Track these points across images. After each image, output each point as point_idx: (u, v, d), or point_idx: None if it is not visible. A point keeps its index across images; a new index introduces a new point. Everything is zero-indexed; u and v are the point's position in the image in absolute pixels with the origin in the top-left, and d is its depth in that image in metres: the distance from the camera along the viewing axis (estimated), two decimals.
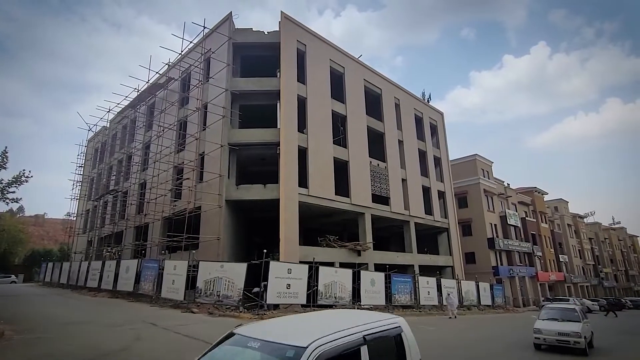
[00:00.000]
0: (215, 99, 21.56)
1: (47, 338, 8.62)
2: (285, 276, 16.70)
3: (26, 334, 8.98)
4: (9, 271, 41.60)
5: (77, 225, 36.79)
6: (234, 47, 22.73)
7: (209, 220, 20.29)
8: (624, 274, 74.38)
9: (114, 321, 11.56)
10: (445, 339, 13.13)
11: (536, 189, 52.61)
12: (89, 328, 10.39)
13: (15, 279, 38.81)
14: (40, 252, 49.50)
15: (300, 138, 22.19)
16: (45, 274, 33.60)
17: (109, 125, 35.67)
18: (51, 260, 39.11)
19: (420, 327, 14.51)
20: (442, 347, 11.10)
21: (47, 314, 12.86)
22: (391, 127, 29.89)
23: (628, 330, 19.12)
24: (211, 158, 21.09)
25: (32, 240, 59.98)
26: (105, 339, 8.79)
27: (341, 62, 26.72)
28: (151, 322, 11.58)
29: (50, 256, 46.76)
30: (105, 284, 21.97)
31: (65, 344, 8.12)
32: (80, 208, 37.77)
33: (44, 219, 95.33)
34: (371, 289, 20.56)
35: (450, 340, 12.88)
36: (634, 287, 75.20)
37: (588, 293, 55.75)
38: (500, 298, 32.39)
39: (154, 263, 19.33)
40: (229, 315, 14.49)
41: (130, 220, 27.74)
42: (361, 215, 25.15)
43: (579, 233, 61.10)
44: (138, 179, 28.64)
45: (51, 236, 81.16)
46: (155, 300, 17.47)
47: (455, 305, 21.69)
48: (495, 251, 39.08)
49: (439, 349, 10.57)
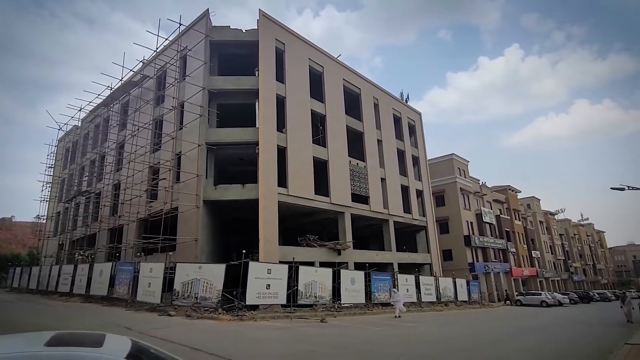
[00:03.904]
0: (192, 97, 21.13)
1: None
2: (264, 276, 16.56)
3: None
4: None
5: (47, 228, 35.33)
6: (211, 45, 22.36)
7: (186, 221, 19.88)
8: (592, 268, 77.54)
9: (87, 327, 11.12)
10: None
11: (510, 187, 54.12)
12: None
13: None
14: (7, 257, 47.26)
15: (279, 137, 22.04)
16: (12, 280, 32.14)
17: (81, 124, 34.40)
18: (19, 265, 37.40)
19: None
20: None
21: (15, 321, 12.26)
22: (370, 126, 30.09)
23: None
24: (188, 158, 20.67)
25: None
26: None
27: (320, 61, 26.70)
28: (126, 327, 11.21)
29: (19, 260, 44.69)
30: (78, 288, 21.20)
31: None
32: (50, 210, 36.26)
33: (12, 222, 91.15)
34: (351, 287, 20.63)
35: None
36: (600, 280, 78.55)
37: (559, 287, 57.86)
38: (476, 294, 33.16)
39: (129, 266, 18.78)
40: (207, 317, 14.23)
41: (103, 223, 26.85)
42: (341, 214, 25.20)
43: (550, 229, 63.30)
44: (112, 180, 27.80)
45: (19, 240, 77.64)
46: (131, 304, 16.98)
47: (401, 302, 19.33)
48: (471, 248, 39.97)
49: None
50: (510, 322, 19.87)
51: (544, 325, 17.36)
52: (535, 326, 17.18)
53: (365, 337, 11.78)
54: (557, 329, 16.38)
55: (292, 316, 16.03)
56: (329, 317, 16.31)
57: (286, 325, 13.67)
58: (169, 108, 22.29)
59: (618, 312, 20.37)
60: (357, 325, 14.57)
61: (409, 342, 11.19)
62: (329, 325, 14.29)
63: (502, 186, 53.92)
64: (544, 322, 19.47)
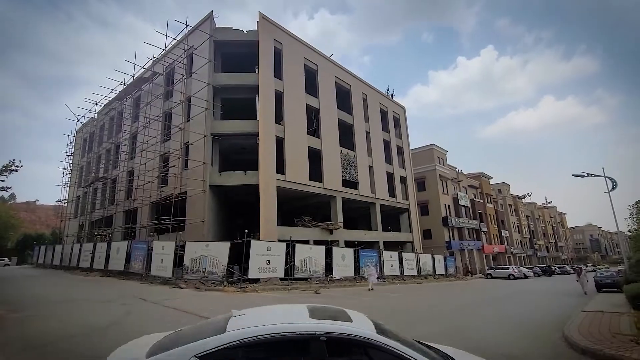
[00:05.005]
0: (198, 92, 20.90)
1: (40, 316, 8.26)
2: (265, 253, 16.72)
3: (20, 312, 8.58)
4: (2, 255, 39.32)
5: (68, 210, 35.12)
6: (215, 45, 21.99)
7: (194, 204, 19.87)
8: (554, 245, 78.99)
9: (106, 298, 11.21)
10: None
11: (483, 174, 54.52)
12: (81, 305, 10.03)
13: (8, 262, 36.75)
14: (32, 236, 46.96)
15: (278, 129, 21.93)
16: (38, 257, 32.05)
17: (97, 117, 33.91)
18: (43, 243, 37.23)
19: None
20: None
21: (40, 294, 12.30)
22: (359, 119, 30.00)
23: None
24: (195, 147, 20.54)
25: (24, 226, 56.44)
26: (97, 315, 8.52)
27: (315, 60, 26.40)
28: (141, 298, 11.32)
29: (43, 240, 44.46)
30: (97, 264, 21.24)
31: (58, 320, 7.81)
32: (70, 194, 36.01)
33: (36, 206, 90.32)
34: (342, 263, 20.90)
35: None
36: (561, 256, 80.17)
37: (524, 262, 58.92)
38: (452, 268, 33.75)
39: (143, 244, 18.81)
40: (214, 289, 14.38)
41: (119, 205, 26.75)
42: (333, 198, 25.33)
43: (518, 211, 64.13)
44: (126, 167, 27.61)
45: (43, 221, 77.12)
46: (145, 278, 17.08)
47: (373, 276, 18.47)
48: (448, 228, 40.47)
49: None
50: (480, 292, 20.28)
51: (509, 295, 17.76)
52: (501, 296, 17.58)
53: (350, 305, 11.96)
54: (522, 298, 16.77)
55: (290, 288, 16.26)
56: (322, 289, 16.57)
57: (284, 296, 13.87)
58: (177, 102, 22.03)
59: (576, 285, 20.85)
60: (346, 296, 14.82)
61: (390, 310, 11.43)
62: (321, 296, 14.52)
63: (476, 173, 54.31)
64: (510, 292, 19.90)
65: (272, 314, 3.06)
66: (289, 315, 2.94)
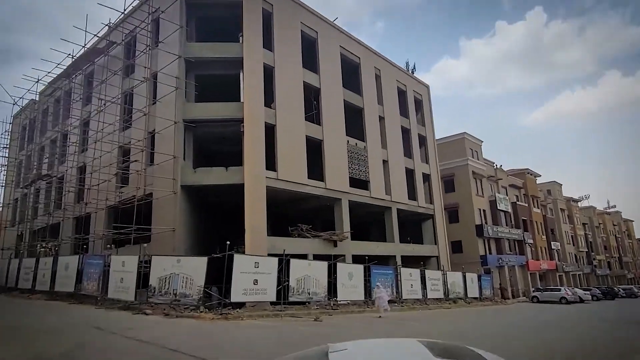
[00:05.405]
0: (166, 67, 20.94)
1: None
2: (252, 271, 16.78)
3: None
4: None
5: (3, 217, 35.28)
6: (188, 7, 22.04)
7: (162, 208, 19.96)
8: (617, 261, 79.09)
9: (52, 326, 11.32)
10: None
11: (528, 171, 54.63)
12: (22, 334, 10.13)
13: None
14: None
15: (267, 114, 22.00)
16: None
17: (39, 99, 33.99)
18: None
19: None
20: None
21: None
22: (371, 101, 30.06)
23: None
24: (163, 137, 20.62)
25: None
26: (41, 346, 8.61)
27: (314, 26, 26.45)
28: (96, 326, 11.42)
29: None
30: (41, 284, 21.33)
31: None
32: (7, 197, 36.15)
33: None
34: (349, 283, 20.99)
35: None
36: (627, 274, 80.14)
37: (580, 282, 59.04)
38: (488, 289, 33.86)
39: (99, 259, 18.91)
40: (187, 316, 14.48)
41: (68, 210, 26.87)
42: (337, 201, 25.42)
43: (572, 218, 64.22)
44: (76, 162, 27.71)
45: None
46: (101, 302, 17.17)
47: (385, 300, 18.44)
48: (483, 239, 40.59)
49: None
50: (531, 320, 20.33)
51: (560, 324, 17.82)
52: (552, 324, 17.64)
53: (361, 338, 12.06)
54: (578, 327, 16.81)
55: (283, 314, 16.34)
56: (323, 316, 16.66)
57: (276, 325, 13.98)
58: (140, 79, 22.07)
59: None
60: (354, 325, 14.94)
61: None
62: (324, 325, 14.61)
63: (519, 169, 54.42)
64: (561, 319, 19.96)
65: (383, 350, 2.89)
66: (407, 355, 2.68)
